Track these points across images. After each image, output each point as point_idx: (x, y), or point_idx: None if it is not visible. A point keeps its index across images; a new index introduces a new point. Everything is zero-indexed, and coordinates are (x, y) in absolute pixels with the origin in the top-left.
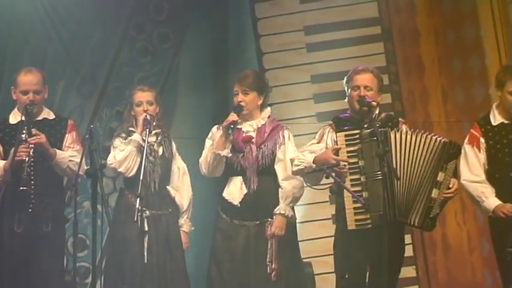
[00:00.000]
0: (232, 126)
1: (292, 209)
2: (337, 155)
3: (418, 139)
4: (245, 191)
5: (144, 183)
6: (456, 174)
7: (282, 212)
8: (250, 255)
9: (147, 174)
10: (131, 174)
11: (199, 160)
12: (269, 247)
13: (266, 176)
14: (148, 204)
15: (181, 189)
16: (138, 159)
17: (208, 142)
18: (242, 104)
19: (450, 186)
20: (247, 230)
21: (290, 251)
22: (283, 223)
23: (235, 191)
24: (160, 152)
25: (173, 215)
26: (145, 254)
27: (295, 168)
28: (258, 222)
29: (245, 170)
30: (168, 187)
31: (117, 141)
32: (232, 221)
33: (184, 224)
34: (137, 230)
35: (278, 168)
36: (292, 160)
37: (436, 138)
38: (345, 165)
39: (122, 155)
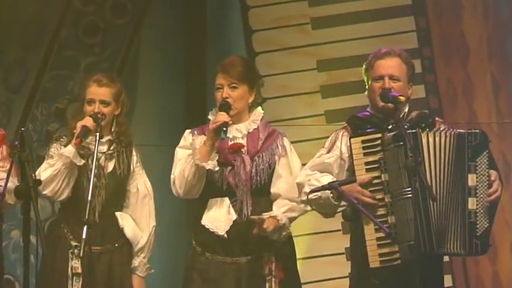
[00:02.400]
0: (224, 129)
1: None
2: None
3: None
4: (234, 216)
5: (82, 208)
6: (494, 166)
7: (273, 215)
8: None
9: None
10: (60, 198)
11: (172, 176)
12: None
13: (261, 197)
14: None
15: (139, 217)
16: (72, 180)
17: (181, 152)
18: (229, 100)
19: (491, 180)
20: (237, 268)
21: None
22: (274, 224)
23: (219, 217)
24: (110, 168)
25: (121, 252)
26: None
27: (305, 197)
28: (251, 257)
29: (233, 189)
30: (117, 214)
31: (54, 149)
32: (214, 257)
33: (140, 266)
34: (69, 272)
35: (278, 186)
36: (300, 185)
37: (448, 133)
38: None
39: (49, 173)
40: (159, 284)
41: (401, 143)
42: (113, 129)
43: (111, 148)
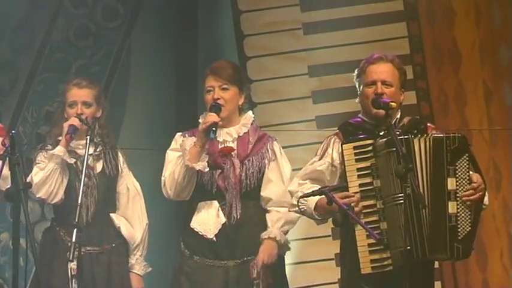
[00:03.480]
0: (214, 129)
1: (285, 234)
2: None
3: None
4: (223, 220)
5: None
6: (478, 170)
7: (272, 236)
8: None
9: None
10: (55, 200)
11: (162, 177)
12: None
13: (250, 201)
14: (82, 239)
15: (131, 216)
16: (64, 181)
17: (171, 154)
18: (220, 102)
19: (472, 184)
20: (225, 271)
21: None
22: (273, 249)
23: (208, 220)
24: (99, 168)
25: (119, 252)
26: None
27: (293, 209)
28: (239, 261)
29: (223, 192)
30: (111, 215)
31: (41, 156)
32: (203, 260)
33: (137, 264)
34: (68, 273)
35: (268, 191)
36: (291, 193)
37: (425, 138)
38: (358, 206)
39: (41, 175)
40: (146, 286)
41: (394, 149)
42: (96, 132)
43: (98, 150)
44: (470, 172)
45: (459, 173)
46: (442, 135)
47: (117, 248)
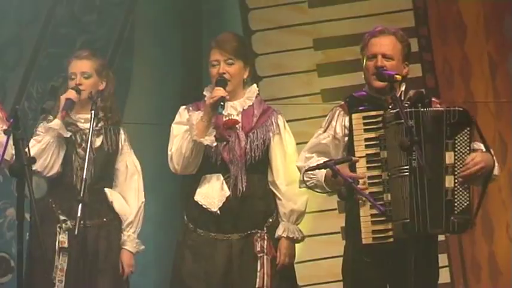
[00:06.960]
0: (222, 103)
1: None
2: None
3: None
4: (227, 193)
5: (70, 183)
6: (484, 141)
7: (291, 235)
8: (233, 279)
9: (74, 172)
10: (50, 173)
11: (169, 152)
12: (259, 268)
13: (255, 174)
14: (71, 212)
15: (127, 194)
16: (61, 154)
17: (177, 128)
18: (226, 76)
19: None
20: (229, 245)
21: (284, 275)
22: (292, 248)
23: (213, 193)
24: (98, 143)
25: (109, 228)
26: (62, 281)
27: (303, 185)
28: (243, 234)
29: (227, 165)
30: (106, 190)
31: (41, 127)
32: (206, 233)
33: (128, 241)
34: (56, 246)
35: (274, 165)
36: (299, 169)
37: (425, 111)
38: (364, 181)
39: (37, 148)
40: (153, 261)
41: (403, 121)
42: (98, 104)
43: (99, 125)
44: (476, 145)
45: (458, 147)
46: (441, 109)
47: (108, 223)
